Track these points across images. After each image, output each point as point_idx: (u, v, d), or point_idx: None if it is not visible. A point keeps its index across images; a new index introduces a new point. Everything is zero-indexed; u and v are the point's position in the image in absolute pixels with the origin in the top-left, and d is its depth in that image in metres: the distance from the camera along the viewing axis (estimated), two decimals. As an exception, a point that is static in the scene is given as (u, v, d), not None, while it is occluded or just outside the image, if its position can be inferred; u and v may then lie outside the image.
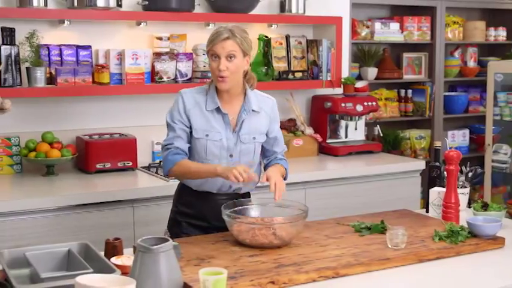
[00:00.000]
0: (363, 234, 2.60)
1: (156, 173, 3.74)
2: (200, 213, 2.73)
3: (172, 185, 3.01)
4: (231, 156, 2.69)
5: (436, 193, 2.91)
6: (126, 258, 2.20)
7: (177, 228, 2.76)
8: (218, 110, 2.66)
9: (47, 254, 2.20)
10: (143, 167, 3.85)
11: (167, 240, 1.99)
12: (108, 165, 3.73)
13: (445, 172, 2.81)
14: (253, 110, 2.71)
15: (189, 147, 2.69)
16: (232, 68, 2.59)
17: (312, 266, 2.21)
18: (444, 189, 2.83)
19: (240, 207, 2.56)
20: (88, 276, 1.75)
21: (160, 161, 3.78)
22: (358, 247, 2.43)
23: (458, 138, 5.52)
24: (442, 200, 2.82)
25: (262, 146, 2.80)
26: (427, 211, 2.98)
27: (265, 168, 2.85)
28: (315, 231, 2.63)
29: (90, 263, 2.08)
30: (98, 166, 3.72)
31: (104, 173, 3.72)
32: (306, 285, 2.12)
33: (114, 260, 2.17)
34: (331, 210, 3.69)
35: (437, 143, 3.04)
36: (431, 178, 3.02)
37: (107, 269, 2.02)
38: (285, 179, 2.80)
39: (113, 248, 2.28)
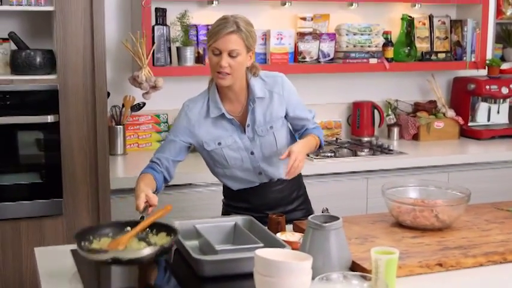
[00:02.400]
0: (525, 220, 2.53)
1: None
2: (251, 207, 2.65)
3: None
4: (252, 153, 2.57)
5: None
6: (290, 234, 2.23)
7: None
8: (223, 115, 2.54)
9: (215, 227, 2.28)
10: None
11: (337, 218, 2.01)
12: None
13: None
14: (258, 98, 2.54)
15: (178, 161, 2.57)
16: (235, 65, 2.41)
17: (478, 250, 2.16)
18: None
19: (399, 188, 2.54)
20: (265, 250, 1.80)
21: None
22: (522, 233, 2.36)
23: None
24: None
25: (289, 126, 2.67)
26: None
27: None
28: (473, 215, 2.58)
29: (257, 237, 2.14)
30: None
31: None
32: (473, 270, 2.08)
33: (279, 235, 2.21)
34: (475, 194, 3.54)
35: None
36: None
37: (276, 244, 2.06)
38: (320, 147, 2.66)
39: (277, 224, 2.33)
